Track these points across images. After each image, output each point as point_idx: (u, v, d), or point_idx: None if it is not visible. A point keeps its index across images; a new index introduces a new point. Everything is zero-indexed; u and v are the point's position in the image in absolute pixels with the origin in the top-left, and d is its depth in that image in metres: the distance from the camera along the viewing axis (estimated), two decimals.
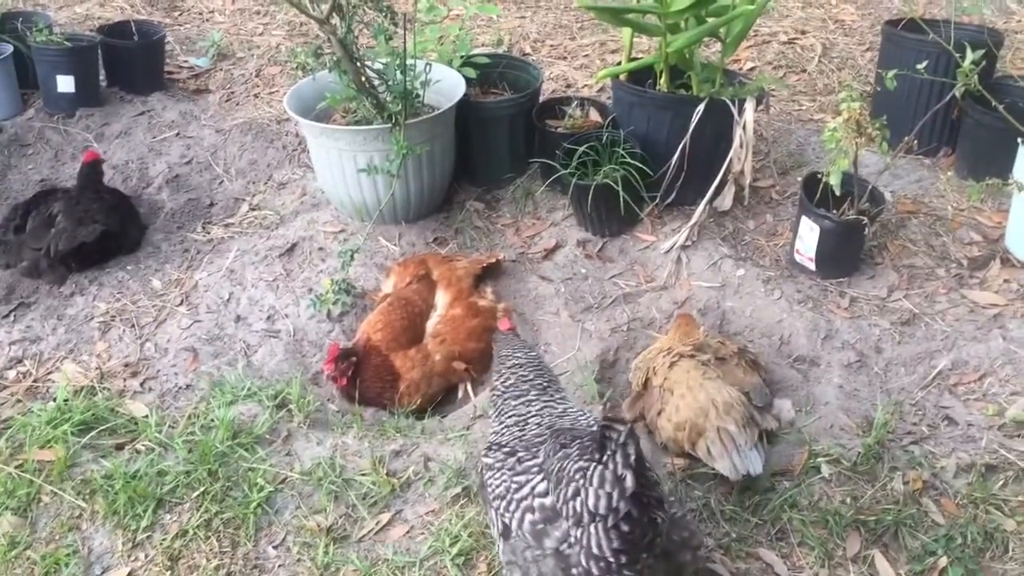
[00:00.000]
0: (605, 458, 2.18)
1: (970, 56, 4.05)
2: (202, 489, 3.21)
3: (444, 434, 3.46)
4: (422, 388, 3.67)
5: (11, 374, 3.88)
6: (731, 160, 4.29)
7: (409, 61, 4.00)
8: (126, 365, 3.87)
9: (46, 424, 3.44)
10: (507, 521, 2.52)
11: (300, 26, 6.36)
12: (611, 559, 2.23)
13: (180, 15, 6.70)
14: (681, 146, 4.22)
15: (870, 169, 4.38)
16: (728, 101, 4.19)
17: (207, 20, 6.62)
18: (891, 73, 3.91)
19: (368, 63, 3.97)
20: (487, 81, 4.79)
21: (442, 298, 3.89)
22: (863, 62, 5.82)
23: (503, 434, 2.81)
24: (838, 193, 3.87)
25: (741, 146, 4.27)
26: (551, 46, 6.07)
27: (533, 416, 2.83)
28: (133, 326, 4.07)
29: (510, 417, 2.86)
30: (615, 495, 2.16)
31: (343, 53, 3.75)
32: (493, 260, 4.21)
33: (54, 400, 3.60)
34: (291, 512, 3.18)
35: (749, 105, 4.21)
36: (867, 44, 5.99)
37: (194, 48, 6.17)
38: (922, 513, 3.13)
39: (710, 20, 3.99)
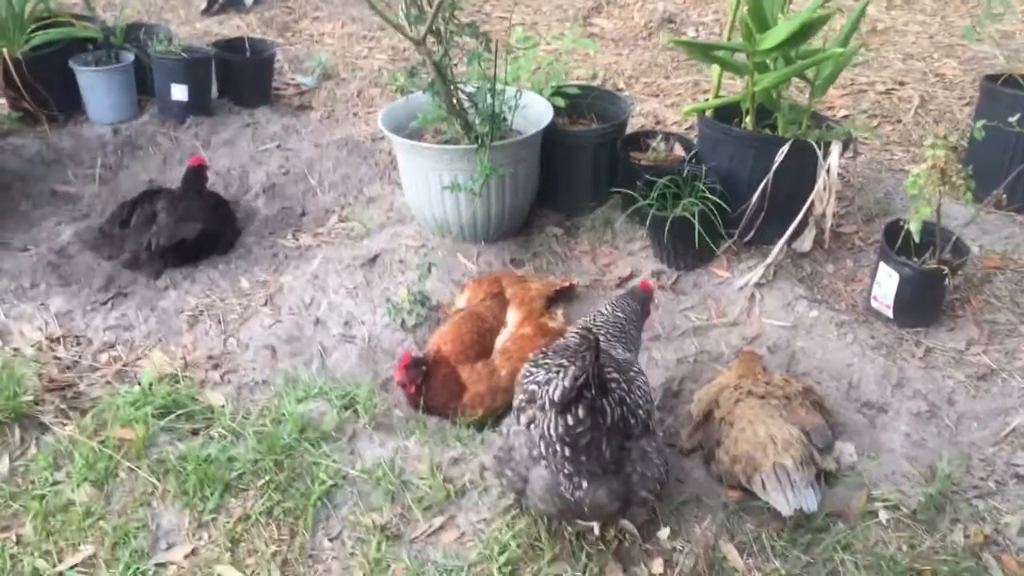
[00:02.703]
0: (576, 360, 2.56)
1: None
2: (267, 478, 3.35)
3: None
4: (486, 401, 3.75)
5: (103, 357, 4.10)
6: (812, 202, 4.29)
7: (499, 86, 4.13)
8: (209, 357, 4.06)
9: (130, 405, 3.63)
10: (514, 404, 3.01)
11: (403, 51, 6.59)
12: (556, 445, 2.69)
13: (292, 35, 7.01)
14: (763, 184, 4.24)
15: (957, 222, 4.32)
16: (813, 143, 4.20)
17: (317, 42, 6.90)
18: (980, 123, 3.88)
19: (460, 85, 4.11)
20: (576, 111, 4.90)
21: (513, 316, 3.98)
22: (961, 116, 5.74)
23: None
24: (918, 240, 3.83)
25: (824, 189, 4.27)
26: (645, 83, 6.16)
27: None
28: (219, 321, 4.27)
29: None
30: (567, 387, 2.56)
31: (437, 74, 3.90)
32: (567, 284, 4.29)
33: (139, 384, 3.80)
34: (349, 508, 3.29)
35: (835, 148, 4.21)
36: (967, 99, 5.91)
37: (302, 67, 6.45)
38: (981, 568, 3.06)
39: (798, 62, 4.02)
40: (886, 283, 4.04)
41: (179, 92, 5.58)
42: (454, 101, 4.09)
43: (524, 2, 7.54)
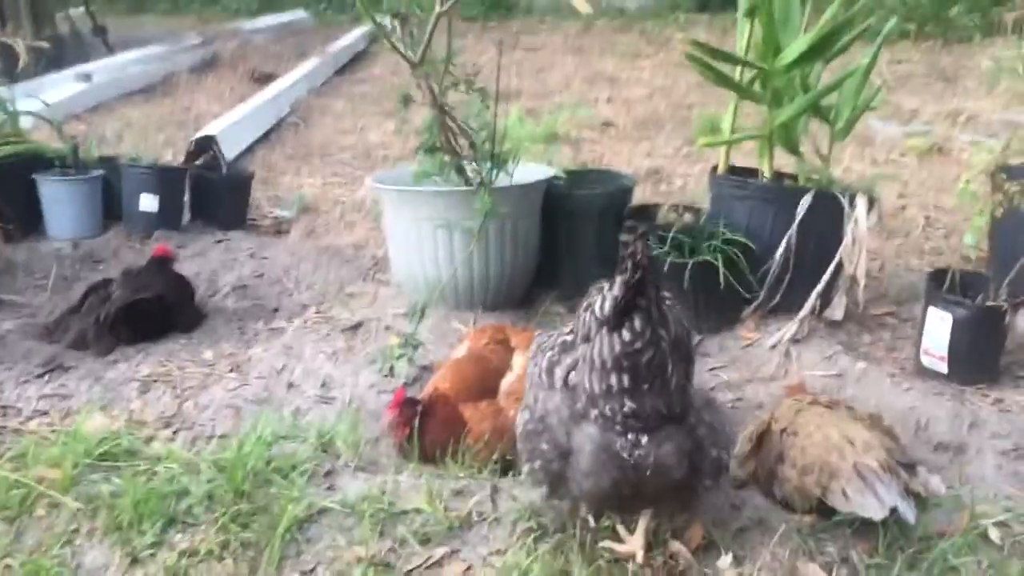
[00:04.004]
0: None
1: None
2: (223, 510, 2.67)
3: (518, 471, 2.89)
4: (491, 443, 3.12)
5: (32, 424, 3.44)
6: (841, 259, 3.91)
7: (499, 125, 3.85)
8: (161, 416, 3.43)
9: (58, 443, 2.99)
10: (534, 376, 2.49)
11: None
12: (613, 376, 2.16)
13: (270, 186, 6.78)
14: (786, 240, 3.89)
15: None
16: (838, 194, 3.89)
17: (296, 189, 6.67)
18: None
19: (456, 120, 3.81)
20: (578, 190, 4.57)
21: (519, 360, 3.41)
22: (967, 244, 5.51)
23: None
24: (973, 256, 3.45)
25: (853, 244, 3.91)
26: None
27: None
28: (175, 387, 3.66)
29: None
30: (619, 295, 2.09)
31: (432, 100, 3.61)
32: None
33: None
34: (327, 543, 2.61)
35: (861, 201, 3.90)
36: (970, 218, 5.71)
37: (280, 203, 6.17)
38: None
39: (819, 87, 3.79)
40: (937, 330, 3.59)
41: (148, 202, 5.22)
42: (449, 137, 3.76)
43: None
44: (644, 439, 2.20)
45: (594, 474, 2.25)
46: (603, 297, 2.16)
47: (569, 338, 2.40)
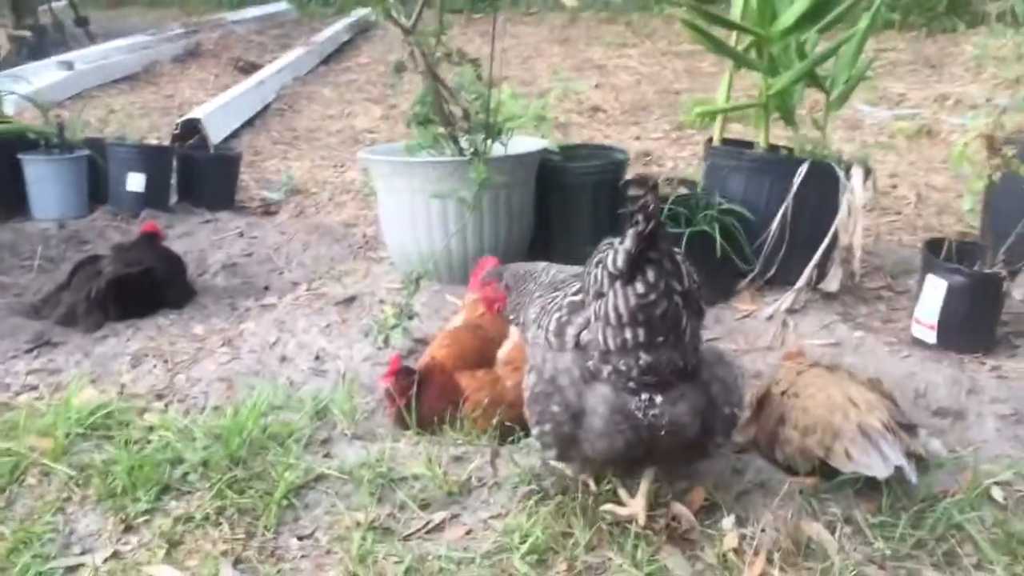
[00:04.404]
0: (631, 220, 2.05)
1: None
2: (219, 477, 2.62)
3: (518, 437, 2.87)
4: (489, 413, 3.08)
5: (21, 399, 3.39)
6: (837, 230, 3.89)
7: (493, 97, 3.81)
8: (151, 390, 3.38)
9: (49, 414, 2.93)
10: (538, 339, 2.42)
11: None
12: (628, 331, 2.11)
13: (257, 170, 6.73)
14: (782, 211, 3.86)
15: None
16: (834, 165, 3.87)
17: (284, 171, 6.62)
18: None
19: (450, 89, 3.77)
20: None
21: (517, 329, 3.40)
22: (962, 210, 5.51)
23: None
24: (972, 224, 3.43)
25: (849, 215, 3.89)
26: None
27: None
28: (166, 361, 3.61)
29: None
30: (631, 247, 2.04)
31: (425, 67, 3.57)
32: None
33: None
34: (325, 508, 2.57)
35: (857, 171, 3.88)
36: (962, 195, 5.71)
37: (269, 185, 6.11)
38: None
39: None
40: (930, 298, 3.55)
41: (135, 182, 5.16)
42: (443, 106, 3.72)
43: None
44: (659, 398, 2.17)
45: (607, 435, 2.21)
46: (615, 251, 2.12)
47: (577, 298, 2.35)
